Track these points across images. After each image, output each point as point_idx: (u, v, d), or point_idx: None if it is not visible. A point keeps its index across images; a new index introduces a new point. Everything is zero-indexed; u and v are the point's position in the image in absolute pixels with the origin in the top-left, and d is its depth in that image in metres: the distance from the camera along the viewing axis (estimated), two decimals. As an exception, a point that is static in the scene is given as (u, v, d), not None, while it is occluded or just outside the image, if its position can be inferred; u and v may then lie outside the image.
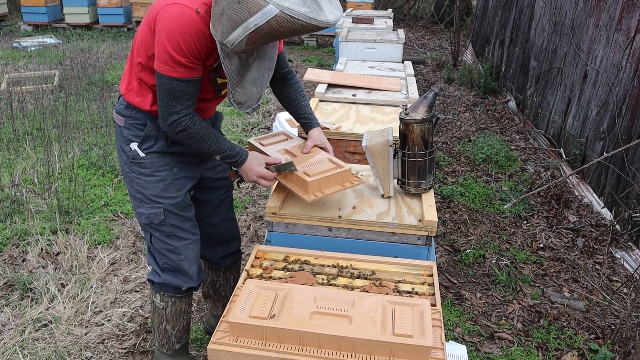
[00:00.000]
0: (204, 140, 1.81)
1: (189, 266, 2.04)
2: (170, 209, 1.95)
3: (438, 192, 4.06)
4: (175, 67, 1.65)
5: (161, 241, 1.99)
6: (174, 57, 1.63)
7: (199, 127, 1.79)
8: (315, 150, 2.08)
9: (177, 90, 1.70)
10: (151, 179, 1.93)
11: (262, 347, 1.40)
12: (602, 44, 4.04)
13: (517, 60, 5.94)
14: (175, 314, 2.14)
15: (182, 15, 1.60)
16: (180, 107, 1.73)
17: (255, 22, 1.45)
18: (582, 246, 3.45)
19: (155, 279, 2.08)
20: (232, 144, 1.89)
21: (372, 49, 4.87)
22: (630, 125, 3.58)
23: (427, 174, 2.07)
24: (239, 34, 1.49)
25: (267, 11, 1.42)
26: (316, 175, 1.88)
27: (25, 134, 4.82)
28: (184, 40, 1.61)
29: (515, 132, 5.33)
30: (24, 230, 3.37)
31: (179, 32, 1.60)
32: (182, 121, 1.75)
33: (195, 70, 1.69)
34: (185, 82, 1.69)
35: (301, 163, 1.97)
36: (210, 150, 1.85)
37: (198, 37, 1.63)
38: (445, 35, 9.83)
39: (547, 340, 2.67)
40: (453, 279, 3.14)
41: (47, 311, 2.74)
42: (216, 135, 1.84)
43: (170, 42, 1.61)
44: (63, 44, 8.67)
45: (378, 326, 1.40)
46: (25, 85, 6.15)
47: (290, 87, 2.15)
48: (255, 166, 1.92)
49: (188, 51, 1.63)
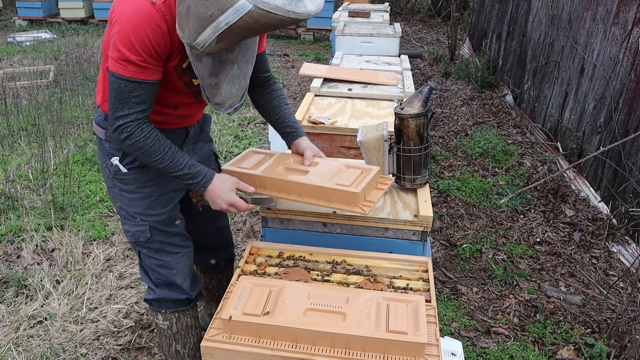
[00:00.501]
0: (153, 153, 1.59)
1: (182, 280, 1.93)
2: (156, 226, 1.82)
3: (435, 187, 4.05)
4: (126, 65, 1.47)
5: (150, 257, 1.89)
6: (124, 54, 1.45)
7: (148, 137, 1.57)
8: (317, 159, 1.91)
9: (125, 91, 1.50)
10: (134, 196, 1.79)
11: (255, 344, 1.39)
12: (599, 38, 4.02)
13: (514, 54, 5.92)
14: (183, 330, 2.02)
15: (135, 8, 1.42)
16: (127, 111, 1.53)
17: (226, 20, 1.28)
18: (579, 240, 3.45)
19: (151, 296, 1.97)
20: (193, 162, 1.66)
21: (369, 42, 4.85)
22: (627, 119, 3.57)
23: (423, 169, 2.06)
24: (209, 34, 1.33)
25: (240, 7, 1.26)
26: (355, 184, 1.72)
27: (20, 130, 4.79)
28: (136, 35, 1.42)
29: (512, 126, 5.31)
30: (18, 227, 3.36)
31: (130, 26, 1.42)
32: (128, 127, 1.54)
33: (149, 71, 1.50)
34: (136, 83, 1.50)
35: (320, 176, 1.77)
36: (163, 167, 1.62)
37: (153, 33, 1.44)
38: (442, 29, 9.80)
39: (543, 335, 2.66)
40: (449, 273, 3.13)
41: (42, 308, 2.73)
42: (172, 150, 1.62)
43: (121, 37, 1.44)
44: (58, 38, 8.62)
45: (372, 323, 1.39)
46: (20, 80, 6.11)
47: (272, 93, 1.97)
48: (224, 192, 1.69)
49: (141, 48, 1.44)
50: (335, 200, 1.68)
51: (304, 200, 1.73)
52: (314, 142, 2.70)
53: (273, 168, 1.84)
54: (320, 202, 1.71)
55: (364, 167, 1.84)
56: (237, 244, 3.37)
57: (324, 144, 2.71)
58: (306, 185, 1.72)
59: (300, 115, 2.72)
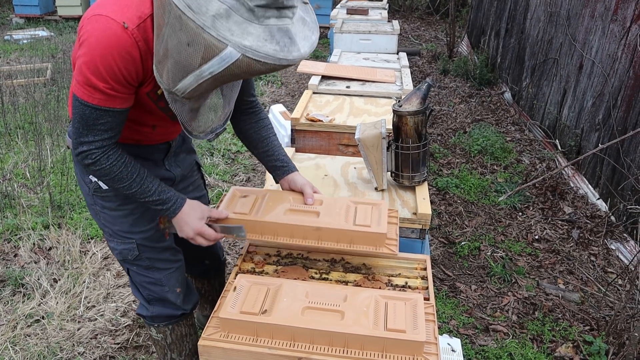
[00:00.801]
0: (120, 180, 1.48)
1: (175, 297, 1.86)
2: (144, 243, 1.72)
3: (433, 184, 4.04)
4: (92, 92, 1.33)
5: (140, 275, 1.80)
6: (90, 80, 1.31)
7: (115, 164, 1.45)
8: (317, 196, 1.78)
9: (90, 118, 1.37)
10: (118, 213, 1.67)
11: (253, 343, 1.38)
12: (598, 35, 4.02)
13: (513, 52, 5.91)
14: (178, 340, 1.97)
15: (105, 31, 1.26)
16: (92, 137, 1.40)
17: (210, 69, 1.13)
18: (577, 238, 3.44)
19: (144, 313, 1.90)
20: (163, 187, 1.55)
21: (367, 40, 4.83)
22: (625, 116, 3.57)
23: (421, 167, 2.05)
24: (191, 82, 1.18)
25: (226, 56, 1.11)
26: (375, 223, 1.64)
27: (17, 128, 4.77)
28: (103, 62, 1.28)
29: (510, 124, 5.31)
30: (15, 225, 3.34)
31: (98, 51, 1.27)
32: (93, 154, 1.43)
33: (117, 99, 1.36)
34: (102, 111, 1.36)
35: (334, 216, 1.66)
36: (130, 193, 1.51)
37: (123, 60, 1.29)
38: (440, 27, 9.78)
39: (541, 332, 2.66)
40: (448, 271, 3.13)
41: (40, 307, 2.72)
42: (141, 175, 1.51)
43: (88, 62, 1.29)
44: (55, 36, 8.59)
45: (370, 321, 1.38)
46: (17, 78, 6.08)
47: (259, 122, 1.79)
48: (193, 220, 1.58)
49: (109, 76, 1.30)
50: (359, 242, 1.61)
51: (322, 244, 1.63)
52: (312, 140, 2.70)
53: (276, 210, 1.68)
54: (341, 244, 1.63)
55: (372, 202, 1.75)
56: (235, 242, 3.36)
57: (322, 141, 2.70)
58: (326, 229, 1.61)
59: (299, 112, 2.71)
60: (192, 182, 1.94)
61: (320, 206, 1.72)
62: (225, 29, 1.10)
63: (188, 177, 1.92)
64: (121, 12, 1.28)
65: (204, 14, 1.09)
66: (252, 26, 1.12)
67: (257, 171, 4.27)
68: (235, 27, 1.11)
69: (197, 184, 1.98)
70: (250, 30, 1.11)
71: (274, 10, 1.13)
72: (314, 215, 1.67)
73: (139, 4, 1.30)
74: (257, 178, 4.17)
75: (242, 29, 1.11)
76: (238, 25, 1.11)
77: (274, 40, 1.13)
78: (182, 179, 1.86)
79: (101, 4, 1.32)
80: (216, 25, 1.10)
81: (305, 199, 1.74)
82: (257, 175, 4.21)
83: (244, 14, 1.11)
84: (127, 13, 1.28)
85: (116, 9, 1.29)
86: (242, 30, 1.11)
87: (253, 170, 4.29)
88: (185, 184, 1.90)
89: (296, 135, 2.69)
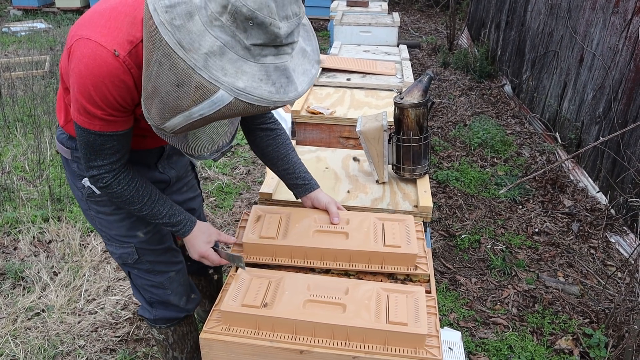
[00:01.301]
0: (132, 203, 1.48)
1: (178, 299, 1.84)
2: (143, 247, 1.69)
3: (433, 177, 4.04)
4: (92, 120, 1.30)
5: (141, 278, 1.77)
6: (87, 108, 1.28)
7: (126, 188, 1.45)
8: (343, 214, 1.75)
9: (96, 144, 1.35)
10: (113, 218, 1.64)
11: (254, 336, 1.38)
12: (599, 27, 4.00)
13: (513, 44, 5.89)
14: (179, 339, 1.95)
15: (95, 59, 1.21)
16: (101, 162, 1.39)
17: (201, 112, 1.07)
18: (577, 231, 3.44)
19: (146, 315, 1.88)
20: (174, 211, 1.55)
21: (367, 32, 4.81)
22: (626, 109, 3.56)
23: (422, 159, 2.05)
24: (180, 122, 1.12)
25: (218, 100, 1.04)
26: (405, 242, 1.63)
27: (16, 121, 4.75)
28: (97, 91, 1.24)
29: (510, 117, 5.30)
30: (15, 218, 3.34)
31: (90, 80, 1.23)
32: (104, 178, 1.42)
33: (117, 123, 1.33)
34: (106, 137, 1.34)
35: (362, 236, 1.65)
36: (142, 215, 1.52)
37: (116, 88, 1.25)
38: (440, 19, 9.74)
39: (541, 325, 2.67)
40: (448, 264, 3.13)
41: (40, 300, 2.72)
42: (152, 199, 1.50)
43: (81, 91, 1.25)
44: (54, 28, 8.54)
45: (372, 314, 1.38)
46: (15, 71, 6.06)
47: (277, 139, 1.71)
48: (199, 243, 1.60)
49: (104, 104, 1.27)
50: (390, 262, 1.60)
51: (352, 267, 1.61)
52: (313, 132, 2.69)
53: (303, 232, 1.66)
54: (371, 265, 1.62)
55: (398, 218, 1.73)
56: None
57: (323, 134, 2.69)
58: (357, 251, 1.60)
59: (299, 105, 2.70)
60: (187, 182, 1.92)
61: (347, 225, 1.69)
62: (218, 68, 1.03)
63: (183, 178, 1.89)
64: (111, 37, 1.23)
65: (196, 51, 1.02)
66: (247, 64, 1.05)
67: (257, 164, 4.27)
68: (229, 66, 1.04)
69: (191, 184, 1.95)
70: (245, 69, 1.05)
71: (272, 48, 1.07)
72: (342, 237, 1.65)
73: (129, 27, 1.24)
74: (257, 171, 4.16)
75: (236, 67, 1.04)
76: (232, 63, 1.04)
77: (269, 81, 1.07)
78: (177, 180, 1.84)
79: (90, 24, 1.26)
80: (208, 65, 1.03)
81: (331, 218, 1.71)
82: (257, 168, 4.20)
83: (239, 52, 1.04)
84: (118, 38, 1.23)
85: (106, 32, 1.23)
86: (236, 69, 1.04)
87: (253, 163, 4.28)
88: (180, 184, 1.87)
89: (297, 128, 2.68)
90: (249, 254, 1.63)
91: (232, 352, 1.39)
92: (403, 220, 1.73)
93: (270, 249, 1.62)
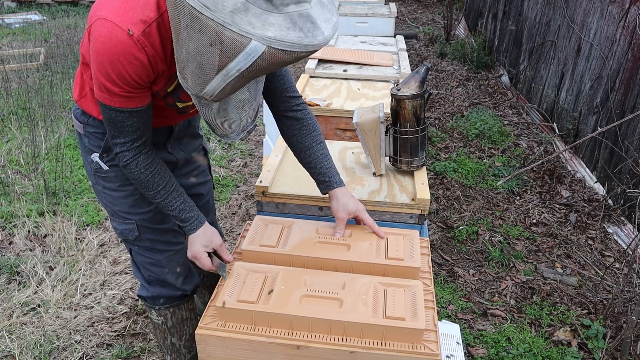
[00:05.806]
0: (146, 187, 1.54)
1: (174, 278, 1.87)
2: (144, 225, 1.74)
3: (431, 169, 4.03)
4: (111, 96, 1.37)
5: (141, 255, 1.81)
6: (105, 86, 1.35)
7: (143, 171, 1.51)
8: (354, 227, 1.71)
9: (118, 120, 1.42)
10: (118, 194, 1.70)
11: (251, 332, 1.37)
12: (596, 17, 3.97)
13: (510, 34, 5.86)
14: (178, 324, 1.97)
15: (111, 39, 1.27)
16: (123, 139, 1.46)
17: (237, 66, 1.11)
18: (575, 221, 3.44)
19: (144, 294, 1.91)
20: (186, 206, 1.59)
21: (364, 23, 4.77)
22: (623, 99, 3.54)
23: (420, 151, 2.03)
24: (219, 83, 1.16)
25: (252, 50, 1.08)
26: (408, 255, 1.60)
27: (10, 114, 4.71)
28: (113, 68, 1.30)
29: (508, 107, 5.28)
30: (10, 213, 3.31)
31: (107, 59, 1.29)
32: (124, 157, 1.49)
33: (136, 99, 1.39)
34: (126, 113, 1.41)
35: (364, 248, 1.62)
36: (154, 201, 1.57)
37: (131, 66, 1.31)
38: (437, 9, 9.68)
39: (539, 317, 2.66)
40: (446, 255, 3.12)
41: (35, 295, 2.70)
42: (167, 189, 1.55)
43: (99, 69, 1.32)
44: (48, 20, 8.47)
45: (369, 309, 1.37)
46: (10, 63, 6.00)
47: (303, 129, 1.72)
48: (197, 244, 1.61)
49: (121, 82, 1.33)
50: (392, 275, 1.56)
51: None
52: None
53: (303, 243, 1.64)
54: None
55: (402, 232, 1.71)
56: (233, 227, 3.34)
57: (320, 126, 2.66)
58: (358, 263, 1.57)
59: (295, 97, 2.68)
60: (197, 167, 1.94)
61: (350, 238, 1.67)
62: (245, 23, 1.07)
63: (192, 162, 1.92)
64: (126, 17, 1.28)
65: (221, 10, 1.06)
66: (272, 16, 1.08)
67: (253, 156, 4.24)
68: (255, 20, 1.07)
69: (202, 169, 1.97)
70: (271, 20, 1.08)
71: None
72: (344, 248, 1.62)
73: (143, 7, 1.29)
74: (254, 163, 4.14)
75: (262, 20, 1.08)
76: (257, 17, 1.07)
77: (296, 27, 1.10)
78: (185, 162, 1.87)
79: (107, 4, 1.32)
80: (236, 21, 1.06)
81: (334, 231, 1.68)
82: (254, 161, 4.18)
83: (262, 5, 1.08)
84: (132, 18, 1.28)
85: (121, 12, 1.28)
86: (263, 22, 1.08)
87: (250, 156, 4.26)
88: (189, 168, 1.90)
89: (293, 120, 2.66)
90: (248, 262, 1.61)
91: (229, 347, 1.38)
92: (408, 235, 1.69)
93: (269, 257, 1.60)
